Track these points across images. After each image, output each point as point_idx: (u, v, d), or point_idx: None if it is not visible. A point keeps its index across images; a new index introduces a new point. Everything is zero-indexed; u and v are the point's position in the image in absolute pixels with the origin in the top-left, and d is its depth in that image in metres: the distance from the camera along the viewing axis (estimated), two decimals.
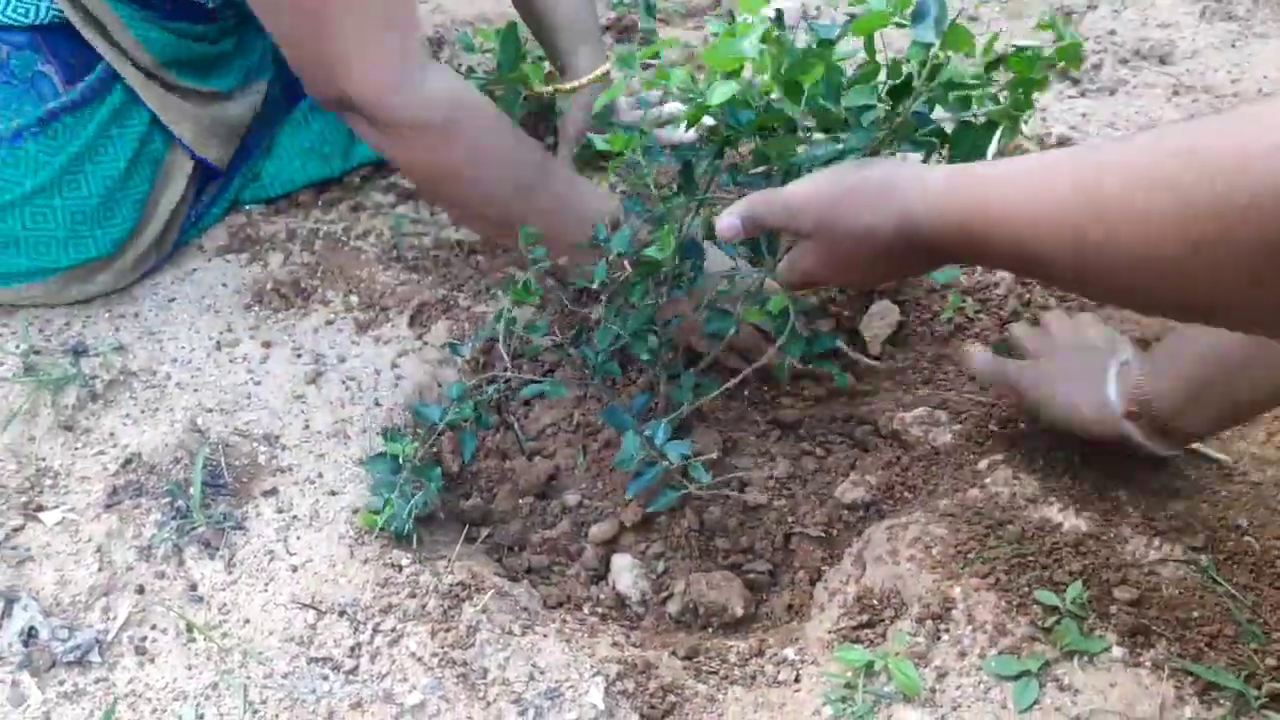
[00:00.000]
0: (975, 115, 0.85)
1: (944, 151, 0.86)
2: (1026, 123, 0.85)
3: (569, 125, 1.39)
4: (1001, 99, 0.84)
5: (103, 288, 1.19)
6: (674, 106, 1.43)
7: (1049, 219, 0.63)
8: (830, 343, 1.03)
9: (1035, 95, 0.84)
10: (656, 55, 0.93)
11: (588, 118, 1.37)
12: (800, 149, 0.88)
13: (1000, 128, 0.85)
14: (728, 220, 0.85)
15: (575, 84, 1.36)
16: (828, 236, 0.79)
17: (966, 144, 0.85)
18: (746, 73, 0.85)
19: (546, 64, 1.45)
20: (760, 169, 0.92)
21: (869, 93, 0.85)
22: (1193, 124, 0.57)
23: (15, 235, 1.13)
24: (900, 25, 0.80)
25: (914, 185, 0.73)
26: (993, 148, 0.85)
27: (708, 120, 0.92)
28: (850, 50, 0.85)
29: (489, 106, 1.10)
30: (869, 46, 0.84)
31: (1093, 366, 0.96)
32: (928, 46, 0.80)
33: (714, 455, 1.05)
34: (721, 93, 0.84)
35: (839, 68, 0.85)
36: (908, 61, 0.83)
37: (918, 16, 0.80)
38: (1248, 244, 0.51)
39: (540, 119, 1.46)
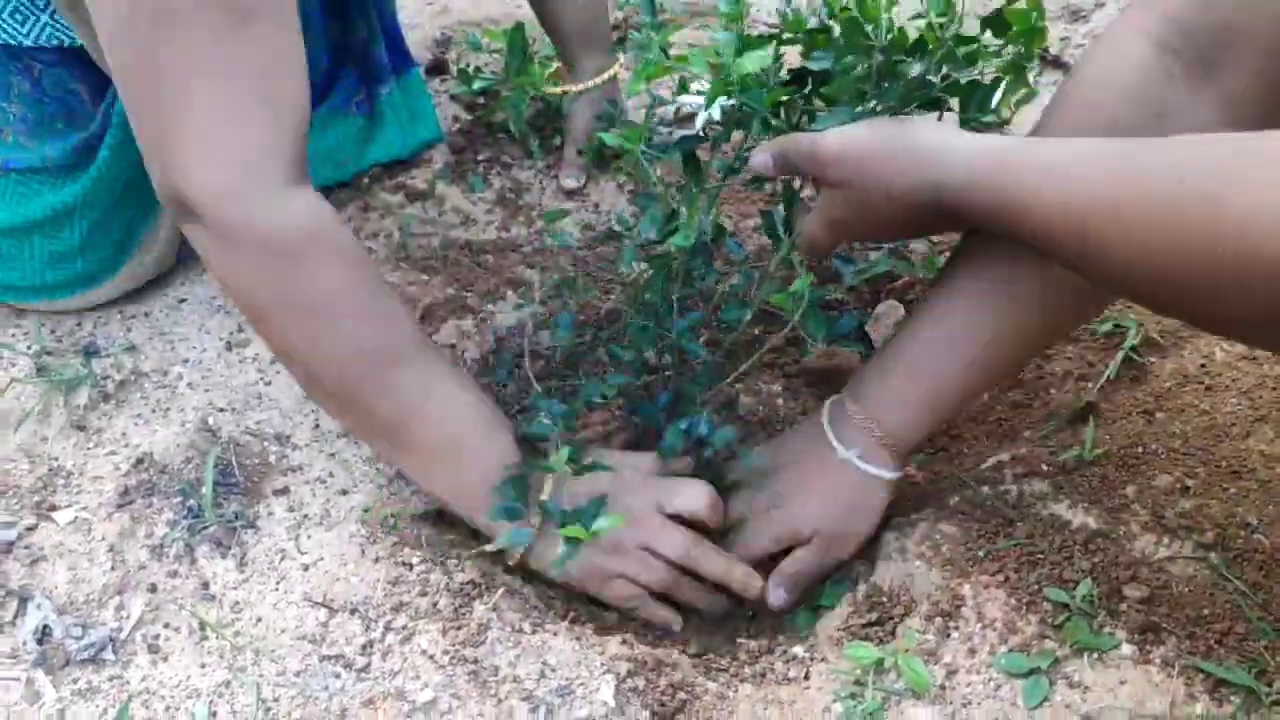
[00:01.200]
0: (981, 72, 0.88)
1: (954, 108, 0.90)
2: (1030, 74, 0.90)
3: (575, 126, 1.39)
4: (1004, 53, 0.87)
5: (110, 293, 1.19)
6: (687, 99, 1.44)
7: (1075, 227, 0.66)
8: (852, 323, 1.03)
9: (1038, 48, 0.88)
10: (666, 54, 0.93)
11: (594, 119, 1.38)
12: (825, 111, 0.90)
13: (1005, 81, 0.88)
14: (760, 156, 0.87)
15: (582, 86, 1.37)
16: (860, 191, 0.79)
17: (975, 100, 0.88)
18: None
19: (553, 63, 1.45)
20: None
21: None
22: (1217, 162, 0.59)
23: (32, 243, 1.13)
24: None
25: (951, 157, 0.75)
26: (998, 98, 0.88)
27: (715, 110, 0.93)
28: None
29: (357, 250, 0.92)
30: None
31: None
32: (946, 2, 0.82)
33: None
34: (753, 61, 0.84)
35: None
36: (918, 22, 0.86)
37: None
38: (1266, 304, 0.55)
39: (547, 120, 1.47)
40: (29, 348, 1.14)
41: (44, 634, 0.91)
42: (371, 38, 1.32)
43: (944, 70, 0.87)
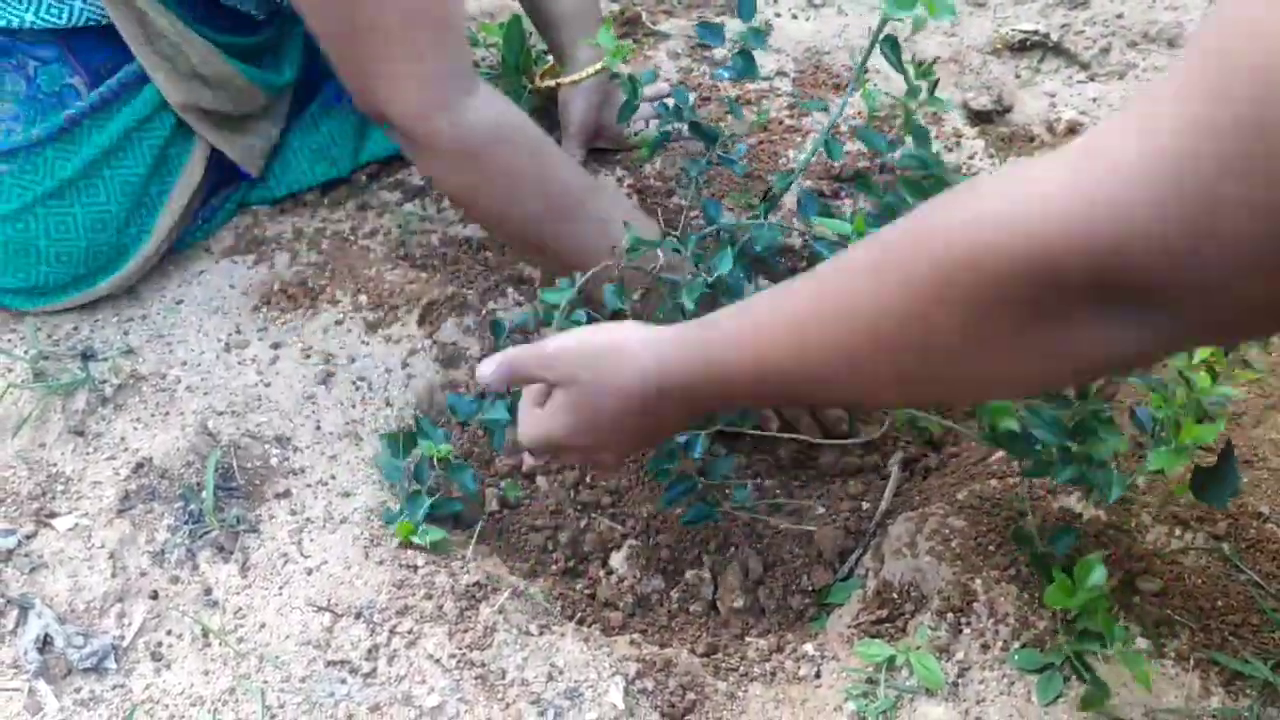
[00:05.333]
0: None
1: None
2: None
3: (571, 119, 1.38)
4: None
5: (107, 290, 1.18)
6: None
7: (781, 327, 0.66)
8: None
9: None
10: None
11: (589, 110, 1.36)
12: None
13: None
14: (487, 368, 0.87)
15: (577, 77, 1.35)
16: (579, 388, 0.81)
17: None
18: None
19: (549, 58, 1.44)
20: None
21: None
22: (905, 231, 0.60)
23: (37, 244, 1.12)
24: None
25: (661, 336, 0.77)
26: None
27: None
28: None
29: (532, 131, 1.09)
30: None
31: None
32: None
33: (759, 480, 1.05)
34: None
35: None
36: None
37: None
38: (962, 305, 0.54)
39: (545, 114, 1.45)
40: (25, 352, 1.13)
41: (45, 643, 0.90)
42: None
43: None
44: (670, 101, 1.15)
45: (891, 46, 1.02)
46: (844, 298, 0.62)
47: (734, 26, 1.63)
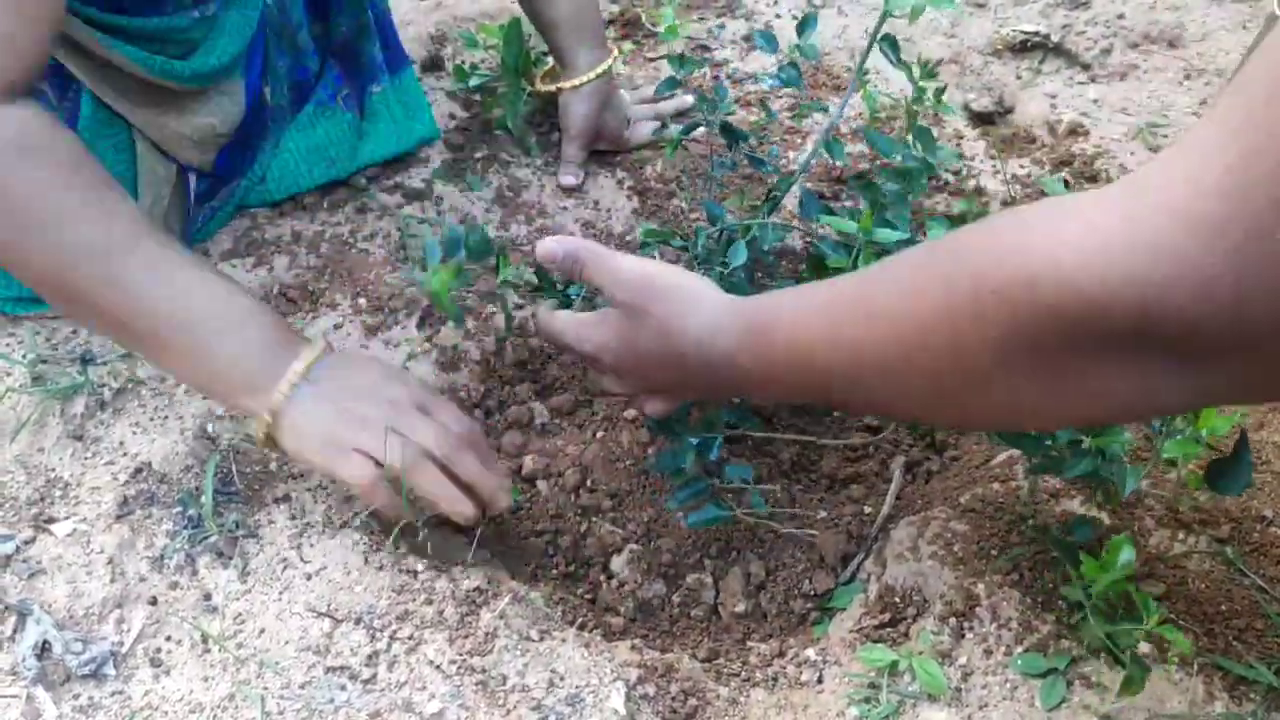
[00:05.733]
0: None
1: None
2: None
3: (572, 122, 1.37)
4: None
5: None
6: (683, 100, 1.42)
7: (822, 316, 0.66)
8: None
9: None
10: None
11: (590, 114, 1.36)
12: None
13: None
14: (550, 244, 0.85)
15: (577, 81, 1.35)
16: (636, 316, 0.80)
17: None
18: None
19: (549, 60, 1.43)
20: None
21: None
22: (953, 234, 0.60)
23: None
24: None
25: (721, 298, 0.77)
26: None
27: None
28: None
29: (66, 158, 0.88)
30: None
31: None
32: None
33: (775, 489, 1.04)
34: None
35: None
36: None
37: None
38: (997, 330, 0.53)
39: (545, 117, 1.45)
40: (24, 356, 1.12)
41: (43, 649, 0.90)
42: (365, 35, 1.30)
43: None
44: (709, 93, 1.15)
45: (891, 45, 1.02)
46: (883, 300, 0.61)
47: (733, 28, 1.64)
